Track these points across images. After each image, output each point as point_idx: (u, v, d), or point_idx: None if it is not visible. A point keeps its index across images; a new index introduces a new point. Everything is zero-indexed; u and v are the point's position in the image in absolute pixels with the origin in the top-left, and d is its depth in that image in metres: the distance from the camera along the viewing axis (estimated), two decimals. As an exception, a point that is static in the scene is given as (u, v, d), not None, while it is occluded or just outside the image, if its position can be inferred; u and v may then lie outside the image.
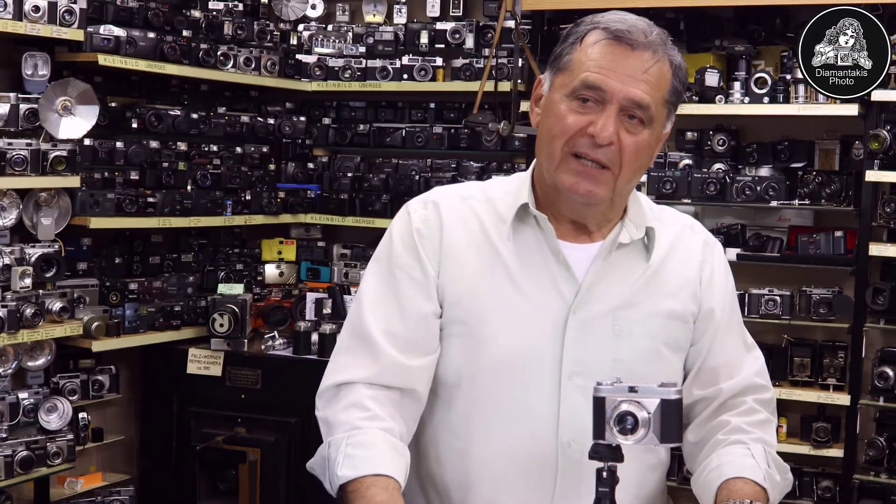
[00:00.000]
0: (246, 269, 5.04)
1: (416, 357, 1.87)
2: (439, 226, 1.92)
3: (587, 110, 1.81)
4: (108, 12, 4.34)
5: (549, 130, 1.85)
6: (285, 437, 4.39)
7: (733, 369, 1.96)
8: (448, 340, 1.90)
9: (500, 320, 1.87)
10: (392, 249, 1.93)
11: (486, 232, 1.91)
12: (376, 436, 1.79)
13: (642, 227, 1.93)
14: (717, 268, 1.99)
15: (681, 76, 1.86)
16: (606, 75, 1.79)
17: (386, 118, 5.20)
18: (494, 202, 1.94)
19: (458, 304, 1.89)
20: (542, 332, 1.86)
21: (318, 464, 1.82)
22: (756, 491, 1.78)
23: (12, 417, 4.03)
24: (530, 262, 1.89)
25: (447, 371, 1.91)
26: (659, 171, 4.48)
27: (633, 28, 1.81)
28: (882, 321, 4.17)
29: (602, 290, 1.89)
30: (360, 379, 1.85)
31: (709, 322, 1.95)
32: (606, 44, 1.81)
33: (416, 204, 1.97)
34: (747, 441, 1.87)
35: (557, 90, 1.85)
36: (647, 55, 1.80)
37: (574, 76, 1.82)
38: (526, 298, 1.87)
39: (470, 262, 1.90)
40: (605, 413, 1.59)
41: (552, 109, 1.85)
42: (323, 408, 1.87)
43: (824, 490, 4.25)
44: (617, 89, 1.79)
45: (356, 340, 1.89)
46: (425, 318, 1.89)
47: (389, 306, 1.89)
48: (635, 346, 1.88)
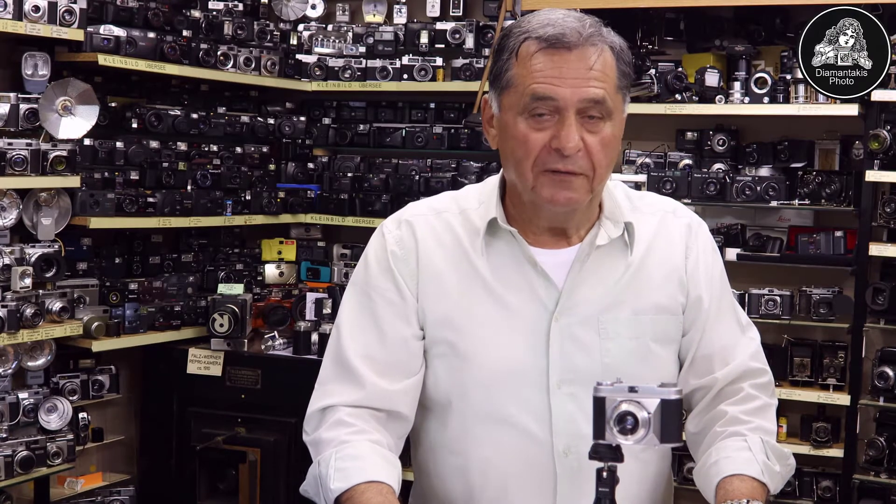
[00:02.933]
0: (246, 269, 5.05)
1: (397, 381, 1.86)
2: (414, 246, 1.89)
3: (545, 124, 1.75)
4: (108, 12, 4.34)
5: (513, 154, 1.80)
6: (285, 437, 4.39)
7: (728, 355, 1.93)
8: (433, 361, 1.89)
9: (483, 336, 1.85)
10: (368, 273, 1.91)
11: (462, 246, 1.88)
12: (365, 447, 1.79)
13: (620, 224, 1.88)
14: (702, 252, 1.94)
15: (625, 58, 1.80)
16: (554, 83, 1.73)
17: (386, 118, 5.20)
18: (468, 213, 1.90)
19: (440, 325, 1.87)
20: (525, 343, 1.84)
21: (311, 484, 1.81)
22: (753, 487, 1.77)
23: (12, 417, 4.03)
24: (508, 274, 1.86)
25: (437, 390, 1.89)
26: (659, 171, 4.49)
27: (566, 28, 1.74)
28: (882, 321, 4.17)
29: (583, 295, 1.85)
30: (343, 403, 1.84)
31: (698, 310, 1.92)
32: (543, 53, 1.74)
33: (391, 224, 1.94)
34: (745, 432, 1.85)
35: (508, 110, 1.79)
36: (588, 51, 1.74)
37: (521, 93, 1.76)
38: (507, 311, 1.85)
39: (448, 280, 1.87)
40: (605, 413, 1.59)
41: (509, 131, 1.79)
42: (310, 432, 1.87)
43: (824, 490, 4.25)
44: (568, 95, 1.73)
45: (337, 367, 1.88)
46: (405, 340, 1.87)
47: (368, 331, 1.87)
48: (623, 347, 1.86)
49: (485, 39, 4.92)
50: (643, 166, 4.56)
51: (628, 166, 4.59)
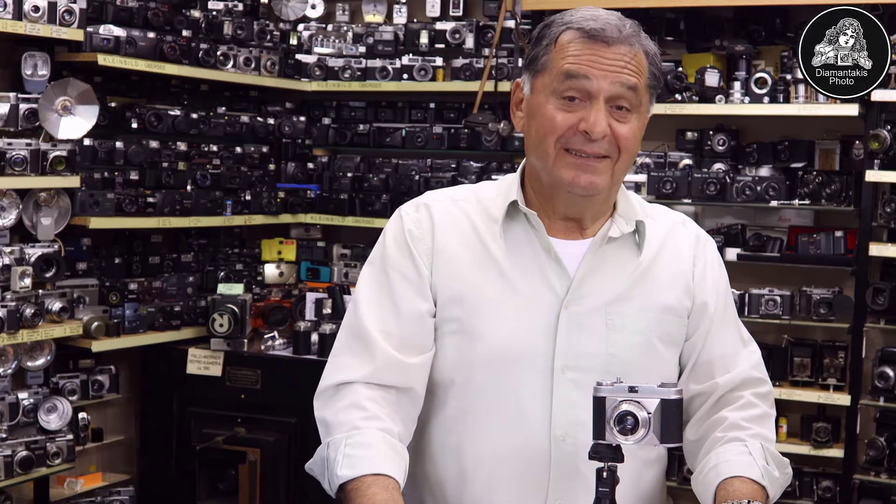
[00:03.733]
0: (246, 269, 5.05)
1: (412, 355, 1.89)
2: (431, 227, 1.94)
3: (575, 108, 1.82)
4: (108, 12, 4.34)
5: (538, 131, 1.86)
6: (285, 437, 4.39)
7: (729, 363, 1.96)
8: (442, 339, 1.92)
9: (493, 316, 1.88)
10: (385, 251, 1.95)
11: (478, 231, 1.93)
12: (375, 436, 1.79)
13: (632, 222, 1.94)
14: (709, 262, 2.00)
15: (657, 63, 1.90)
16: (588, 65, 1.81)
17: (386, 118, 5.20)
18: (485, 203, 1.96)
19: (452, 303, 1.90)
20: (534, 327, 1.87)
21: (317, 464, 1.82)
22: (754, 489, 1.78)
23: (12, 417, 4.03)
24: (522, 259, 1.91)
25: (442, 368, 1.92)
26: (659, 171, 4.49)
27: (607, 24, 1.82)
28: (882, 321, 4.17)
29: (594, 285, 1.90)
30: (358, 378, 1.86)
31: (702, 316, 1.96)
32: (582, 42, 1.82)
33: (409, 207, 2.00)
34: (745, 438, 1.86)
35: (540, 92, 1.86)
36: (624, 49, 1.83)
37: (554, 74, 1.84)
38: (518, 294, 1.89)
39: (462, 260, 1.91)
40: (606, 413, 1.59)
41: (538, 111, 1.86)
42: (321, 408, 1.88)
43: (824, 490, 4.25)
44: (602, 78, 1.81)
45: (353, 339, 1.91)
46: (420, 316, 1.90)
47: (384, 306, 1.91)
48: (629, 340, 1.89)
49: (485, 39, 4.92)
50: (643, 166, 4.56)
51: (628, 166, 4.58)
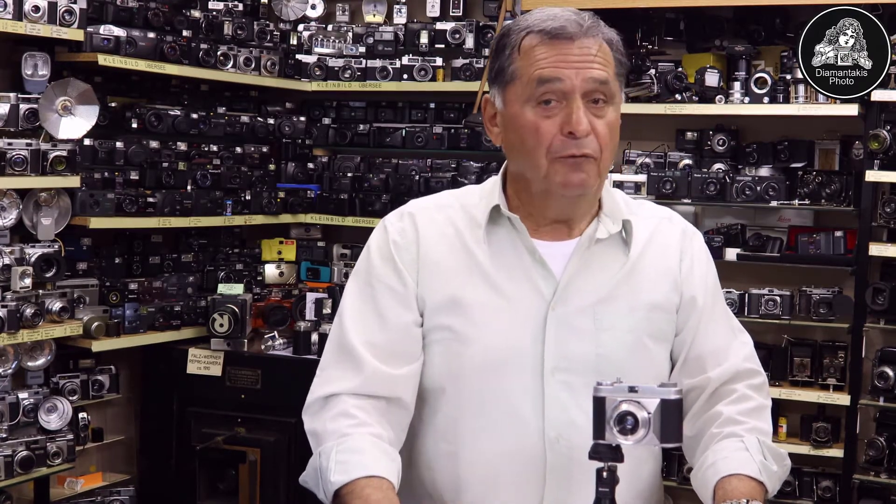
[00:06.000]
0: (246, 269, 5.04)
1: (399, 366, 1.88)
2: (416, 236, 1.93)
3: (553, 111, 1.81)
4: (108, 12, 4.34)
5: (523, 144, 1.85)
6: (285, 437, 4.39)
7: (720, 356, 1.95)
8: (431, 347, 1.91)
9: (481, 322, 1.87)
10: (370, 263, 1.95)
11: (463, 238, 1.92)
12: (366, 441, 1.80)
13: (619, 221, 1.93)
14: (696, 256, 1.99)
15: (620, 49, 1.88)
16: (559, 66, 1.80)
17: (386, 118, 5.20)
18: (469, 209, 1.95)
19: (439, 311, 1.90)
20: (522, 330, 1.87)
21: (311, 476, 1.83)
22: (752, 487, 1.78)
23: (12, 417, 4.03)
24: (507, 263, 1.90)
25: (432, 376, 1.91)
26: (659, 171, 4.49)
27: (567, 21, 1.82)
28: (882, 321, 4.17)
29: (580, 286, 1.89)
30: (345, 390, 1.86)
31: (691, 310, 1.95)
32: (546, 45, 1.81)
33: (392, 217, 1.99)
34: (741, 433, 1.86)
35: (514, 102, 1.85)
36: (588, 41, 1.82)
37: (526, 82, 1.82)
38: (504, 298, 1.88)
39: (448, 268, 1.91)
40: (605, 413, 1.59)
41: (517, 122, 1.85)
42: (310, 421, 1.89)
43: (824, 490, 4.25)
44: (573, 76, 1.80)
45: (339, 353, 1.91)
46: (406, 326, 1.90)
47: (369, 318, 1.90)
48: (618, 340, 1.89)
49: (485, 39, 4.92)
50: (643, 166, 4.56)
51: (628, 166, 4.59)
